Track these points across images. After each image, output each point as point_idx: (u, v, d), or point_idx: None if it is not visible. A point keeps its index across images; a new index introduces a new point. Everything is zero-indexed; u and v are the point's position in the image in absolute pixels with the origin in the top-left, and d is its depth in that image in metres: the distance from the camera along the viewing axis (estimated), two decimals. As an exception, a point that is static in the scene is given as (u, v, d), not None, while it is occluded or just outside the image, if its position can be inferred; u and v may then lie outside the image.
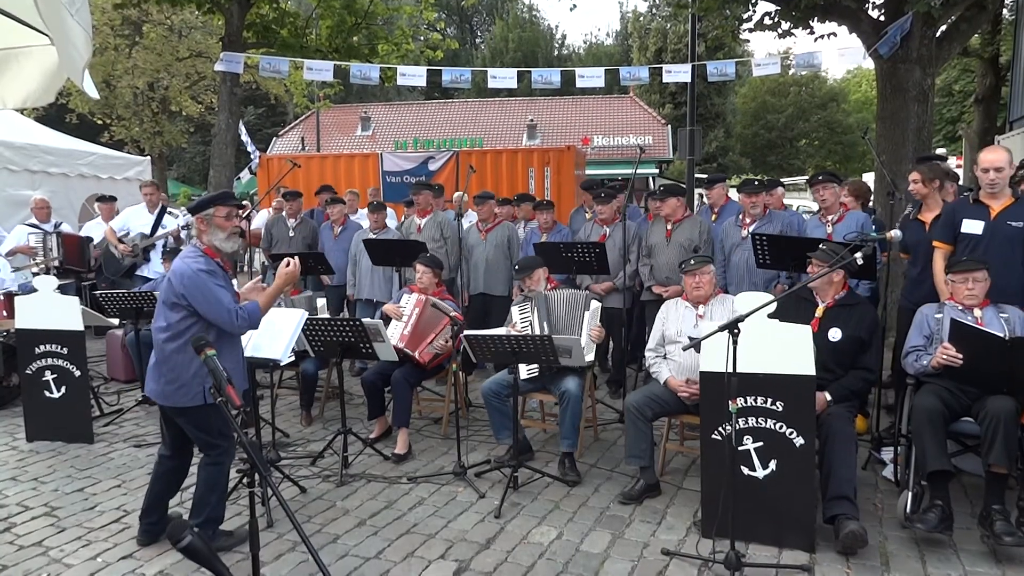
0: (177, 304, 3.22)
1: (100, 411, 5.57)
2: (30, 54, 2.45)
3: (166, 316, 3.26)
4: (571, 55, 45.03)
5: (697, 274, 4.14)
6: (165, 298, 3.26)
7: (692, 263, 4.18)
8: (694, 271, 4.15)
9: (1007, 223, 3.95)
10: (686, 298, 4.25)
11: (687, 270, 4.19)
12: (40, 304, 5.08)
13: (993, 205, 4.02)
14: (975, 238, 4.02)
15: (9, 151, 8.60)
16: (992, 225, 3.98)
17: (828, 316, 3.83)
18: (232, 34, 8.03)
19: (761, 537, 3.37)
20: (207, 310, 3.21)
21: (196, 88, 19.86)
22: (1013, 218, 3.95)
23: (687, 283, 4.22)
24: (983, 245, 3.96)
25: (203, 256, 3.30)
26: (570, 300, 4.63)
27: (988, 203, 4.04)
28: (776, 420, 3.32)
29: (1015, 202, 4.00)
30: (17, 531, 3.69)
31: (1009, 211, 3.97)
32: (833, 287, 3.86)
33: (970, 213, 4.08)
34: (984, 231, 3.99)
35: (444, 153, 11.95)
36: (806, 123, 36.03)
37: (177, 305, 3.22)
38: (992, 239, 3.96)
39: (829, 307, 3.87)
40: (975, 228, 4.02)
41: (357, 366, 6.65)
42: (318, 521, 3.75)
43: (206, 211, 3.33)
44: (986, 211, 4.03)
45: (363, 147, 26.21)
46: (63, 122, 17.30)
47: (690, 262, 4.20)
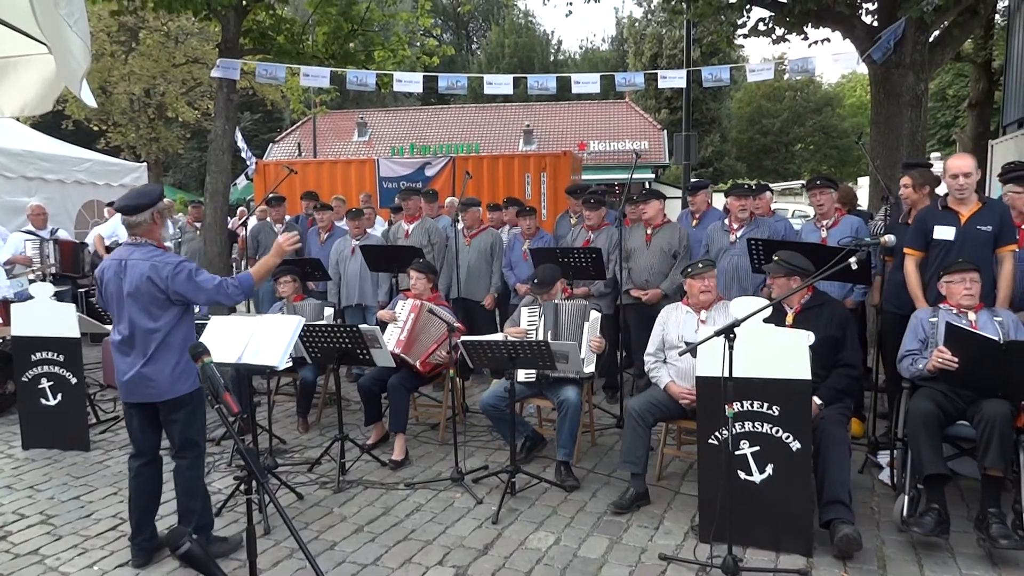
0: (164, 301, 3.21)
1: (96, 418, 5.56)
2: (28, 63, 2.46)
3: (152, 316, 3.21)
4: (567, 61, 45.15)
5: (706, 277, 4.06)
6: (147, 301, 3.20)
7: (700, 267, 4.10)
8: (702, 275, 4.06)
9: (976, 227, 4.04)
10: (687, 303, 4.23)
11: (694, 274, 4.09)
12: (36, 311, 5.07)
13: (962, 211, 4.10)
14: (947, 244, 4.09)
15: (5, 158, 8.60)
16: (963, 230, 4.06)
17: (798, 322, 3.83)
18: (229, 40, 8.03)
19: (758, 541, 3.38)
20: (195, 294, 3.24)
21: (192, 94, 19.87)
22: (982, 222, 4.03)
23: (693, 287, 4.10)
24: (955, 250, 4.03)
25: (162, 251, 3.29)
26: (573, 311, 4.64)
27: (957, 209, 4.12)
28: (772, 424, 3.34)
29: (983, 207, 4.08)
30: (13, 539, 3.68)
31: (978, 216, 4.05)
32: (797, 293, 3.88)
33: (940, 219, 4.15)
34: (956, 236, 4.07)
35: (441, 159, 11.96)
36: (801, 128, 36.21)
37: (164, 302, 3.22)
38: (964, 244, 4.03)
39: (797, 313, 3.89)
40: (947, 234, 4.10)
41: (354, 372, 6.65)
42: (315, 528, 3.75)
43: (157, 205, 3.29)
44: (956, 217, 4.11)
45: (360, 153, 26.22)
46: (59, 128, 17.28)
47: (698, 265, 4.11)
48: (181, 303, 3.27)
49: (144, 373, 3.24)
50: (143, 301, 3.21)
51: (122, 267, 3.24)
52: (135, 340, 3.24)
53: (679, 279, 5.32)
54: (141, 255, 3.24)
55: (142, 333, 3.23)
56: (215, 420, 5.24)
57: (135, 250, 3.27)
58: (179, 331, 3.26)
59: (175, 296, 3.22)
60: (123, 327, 3.27)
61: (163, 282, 3.18)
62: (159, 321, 3.22)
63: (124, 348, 3.28)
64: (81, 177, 9.79)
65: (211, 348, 2.63)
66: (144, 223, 3.25)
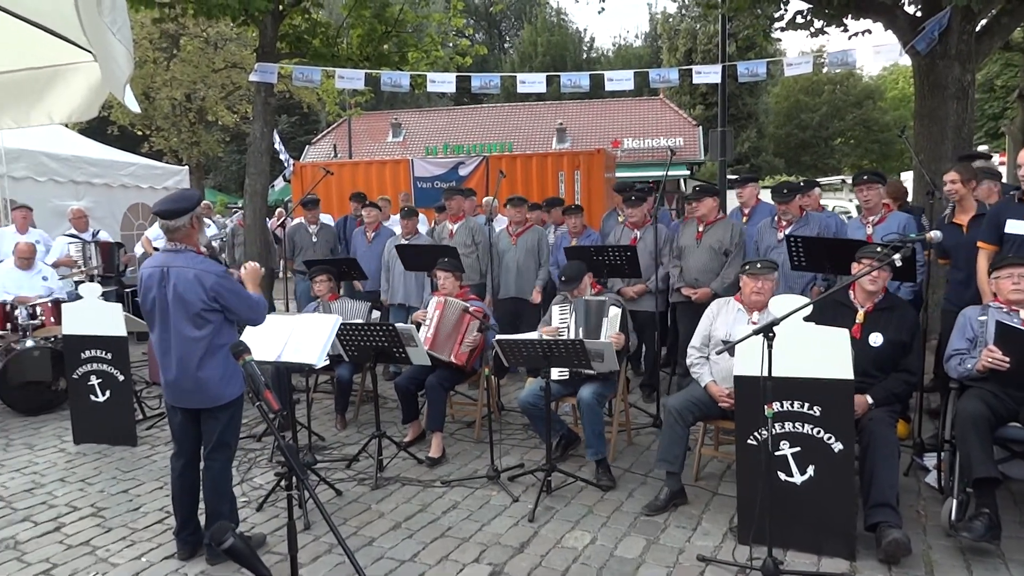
0: (210, 310, 3.24)
1: (143, 414, 5.71)
2: (76, 71, 2.53)
3: (197, 324, 3.23)
4: (600, 58, 44.89)
5: (761, 279, 3.93)
6: (192, 309, 3.21)
7: (758, 266, 3.97)
8: (758, 275, 3.93)
9: None
10: (739, 299, 4.12)
11: (751, 272, 3.97)
12: (85, 311, 5.24)
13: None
14: (1020, 238, 3.93)
15: (56, 163, 8.90)
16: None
17: (868, 321, 3.75)
18: (266, 45, 8.18)
19: (800, 544, 3.32)
20: (238, 306, 3.29)
21: (231, 98, 20.26)
22: None
23: (747, 286, 3.99)
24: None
25: (203, 258, 3.32)
26: (596, 305, 4.62)
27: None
28: (814, 425, 3.27)
29: None
30: (66, 531, 3.81)
31: None
32: (873, 291, 3.78)
33: (1015, 213, 3.98)
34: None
35: (474, 158, 12.00)
36: (841, 122, 35.39)
37: (210, 311, 3.24)
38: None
39: (869, 312, 3.79)
40: (1021, 228, 3.93)
41: (391, 370, 6.72)
42: (354, 524, 3.80)
43: (196, 210, 3.31)
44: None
45: (394, 153, 26.46)
46: (105, 134, 17.78)
47: (756, 264, 3.99)
48: (220, 313, 3.29)
49: (194, 381, 3.26)
50: (188, 311, 3.22)
51: (165, 275, 3.24)
52: (181, 348, 3.25)
53: (730, 277, 5.25)
54: (183, 262, 3.24)
55: (188, 341, 3.24)
56: (256, 417, 5.35)
57: (176, 257, 3.27)
58: (223, 336, 3.28)
59: (220, 305, 3.25)
60: (167, 334, 3.28)
61: (208, 291, 3.21)
62: (204, 329, 3.24)
63: (168, 354, 3.30)
64: (126, 181, 10.07)
65: (251, 346, 2.67)
66: (183, 227, 3.25)
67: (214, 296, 3.22)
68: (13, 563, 3.47)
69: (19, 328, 5.90)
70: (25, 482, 4.51)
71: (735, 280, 5.24)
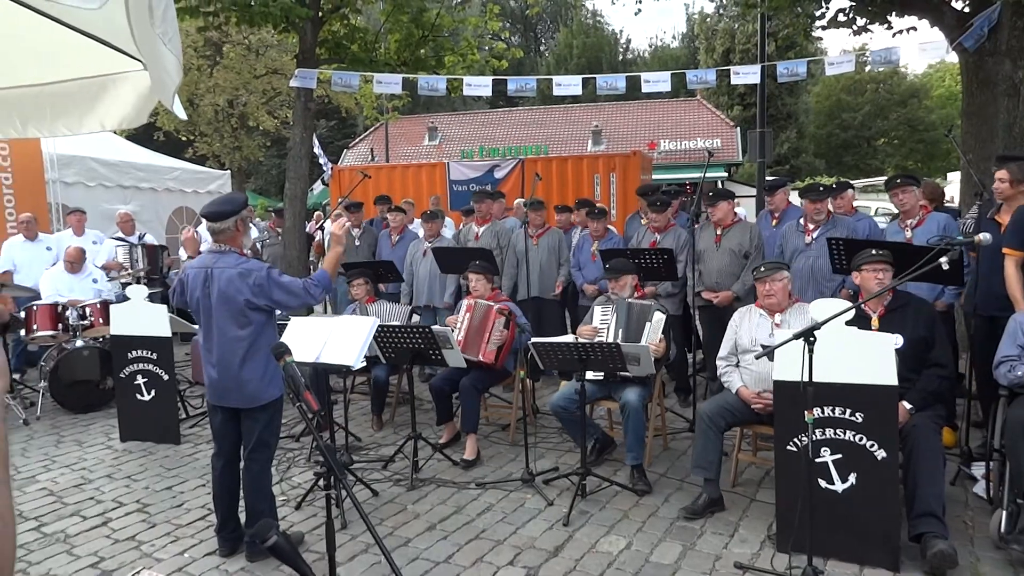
0: (254, 309, 3.31)
1: (186, 413, 5.85)
2: (126, 79, 2.60)
3: (240, 324, 3.30)
4: (636, 59, 44.64)
5: (768, 281, 3.95)
6: (235, 309, 3.28)
7: (763, 269, 4.01)
8: (765, 278, 3.97)
9: None
10: (760, 305, 4.12)
11: (758, 277, 4.02)
12: (132, 312, 5.40)
13: None
14: None
15: (105, 168, 9.19)
16: None
17: (884, 325, 3.63)
18: (306, 51, 8.33)
19: (840, 553, 3.25)
20: (287, 298, 3.34)
21: (272, 104, 20.68)
22: None
23: (758, 290, 4.06)
24: None
25: (246, 259, 3.37)
26: (640, 310, 4.59)
27: None
28: (856, 432, 3.20)
29: None
30: (113, 526, 3.93)
31: None
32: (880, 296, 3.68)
33: None
34: None
35: (509, 161, 12.03)
36: (885, 121, 34.58)
37: (254, 310, 3.31)
38: None
39: (881, 316, 3.69)
40: None
41: (426, 372, 6.77)
42: (389, 524, 3.84)
43: (241, 213, 3.38)
44: None
45: (430, 157, 26.66)
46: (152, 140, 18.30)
47: (760, 268, 4.03)
48: (267, 310, 3.36)
49: (235, 380, 3.33)
50: (231, 309, 3.29)
51: (209, 276, 3.32)
52: (223, 347, 3.32)
53: (751, 280, 5.19)
54: (226, 263, 3.31)
55: (231, 341, 3.31)
56: (295, 417, 5.44)
57: (220, 258, 3.35)
58: (265, 337, 3.35)
59: (265, 303, 3.31)
60: (211, 334, 3.36)
61: (253, 289, 3.27)
62: (246, 329, 3.30)
63: (212, 354, 3.37)
64: (171, 185, 10.35)
65: (291, 348, 2.72)
66: (228, 230, 3.34)
67: (259, 292, 3.28)
68: (63, 556, 3.59)
69: (70, 328, 6.10)
70: (75, 478, 4.66)
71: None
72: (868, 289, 3.66)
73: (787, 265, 4.17)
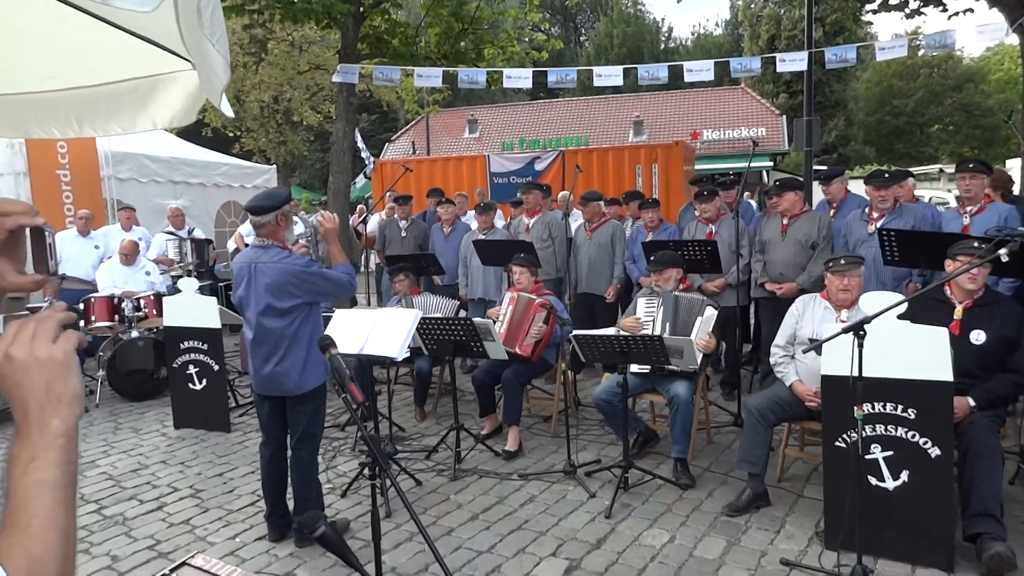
0: (295, 301, 3.37)
1: (236, 402, 6.02)
2: (175, 79, 2.67)
3: (282, 316, 3.37)
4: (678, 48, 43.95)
5: (847, 276, 3.77)
6: (277, 301, 3.35)
7: (842, 262, 3.82)
8: (843, 272, 3.78)
9: None
10: (826, 297, 3.97)
11: (835, 269, 3.82)
12: (184, 304, 5.56)
13: None
14: None
15: (156, 164, 9.46)
16: None
17: (969, 318, 3.52)
18: (348, 47, 8.43)
19: (891, 552, 3.17)
20: (328, 287, 3.42)
21: (315, 99, 20.97)
22: None
23: (832, 284, 3.84)
24: None
25: (288, 252, 3.43)
26: (689, 304, 4.53)
27: None
28: (908, 428, 3.12)
29: None
30: (168, 510, 4.07)
31: None
32: (972, 289, 3.55)
33: None
34: None
35: (550, 153, 12.00)
36: (939, 107, 33.38)
37: (295, 302, 3.37)
38: None
39: (968, 308, 3.57)
40: None
41: (468, 363, 6.81)
42: (433, 513, 3.88)
43: (283, 208, 3.43)
44: None
45: (471, 149, 26.76)
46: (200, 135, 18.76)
47: (839, 261, 3.84)
48: (309, 302, 3.43)
49: (277, 371, 3.42)
50: (272, 302, 3.37)
51: (252, 270, 3.41)
52: (267, 339, 3.41)
53: (818, 272, 5.07)
54: (269, 257, 3.39)
55: (273, 332, 3.39)
56: (339, 407, 5.54)
57: (263, 252, 3.42)
58: (306, 328, 3.43)
59: (306, 295, 3.38)
60: (254, 326, 3.45)
61: (293, 282, 3.34)
62: (287, 319, 3.38)
63: (257, 346, 3.46)
64: (219, 180, 10.60)
65: (336, 339, 2.76)
66: (269, 224, 3.40)
67: (301, 285, 3.35)
68: (123, 537, 3.73)
69: (125, 320, 6.31)
70: (132, 463, 4.83)
71: (822, 274, 5.04)
72: (958, 280, 3.53)
73: (863, 260, 3.97)
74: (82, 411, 0.82)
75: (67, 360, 0.82)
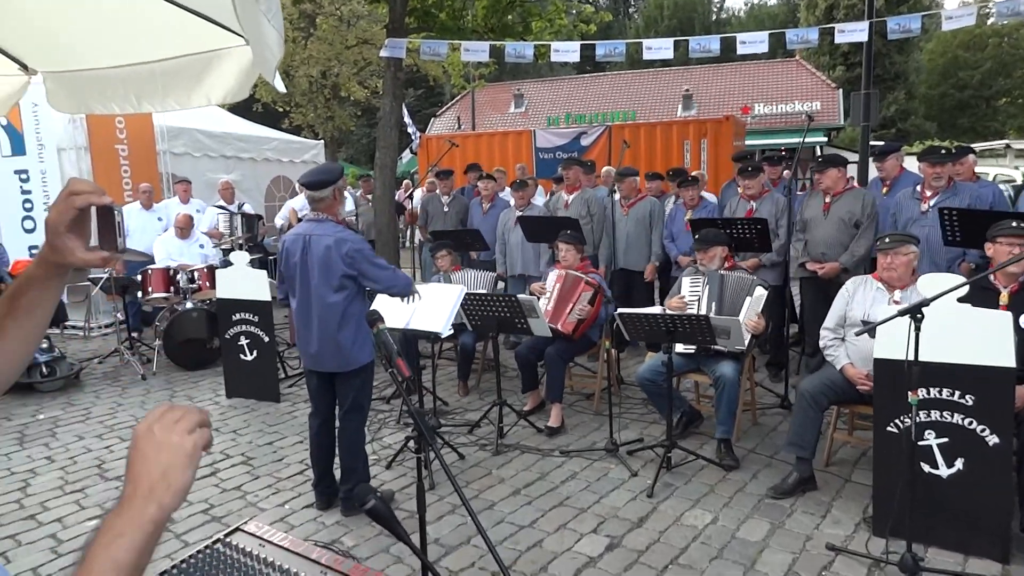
0: (348, 277, 3.43)
1: (285, 373, 6.17)
2: (230, 55, 2.70)
3: (335, 288, 3.42)
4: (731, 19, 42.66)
5: (891, 254, 3.68)
6: (331, 275, 3.40)
7: (888, 241, 3.73)
8: (887, 250, 3.70)
9: None
10: (878, 277, 3.85)
11: (881, 248, 3.75)
12: (235, 277, 5.70)
13: None
14: None
15: (209, 139, 9.67)
16: None
17: (1016, 302, 3.36)
18: (395, 21, 8.41)
19: (943, 541, 3.10)
20: (375, 272, 3.44)
21: (363, 74, 21.05)
22: None
23: (879, 262, 3.77)
24: None
25: (343, 228, 3.46)
26: (737, 283, 4.45)
27: None
28: (965, 415, 3.02)
29: None
30: (221, 476, 4.22)
31: None
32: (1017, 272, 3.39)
33: None
34: None
35: (596, 128, 11.84)
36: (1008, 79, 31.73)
37: (347, 278, 3.43)
38: None
39: (1014, 292, 3.41)
40: None
41: (511, 339, 6.84)
42: (475, 487, 3.94)
43: (339, 183, 3.47)
44: None
45: (516, 124, 26.58)
46: (250, 111, 19.06)
47: (886, 239, 3.75)
48: (354, 281, 3.47)
49: (332, 344, 3.47)
50: (329, 276, 3.42)
51: (307, 242, 3.46)
52: (321, 312, 3.46)
53: (860, 251, 4.92)
54: (324, 231, 3.44)
55: (328, 306, 3.44)
56: (385, 380, 5.64)
57: (317, 226, 3.48)
58: (356, 304, 3.49)
59: (354, 272, 3.42)
60: (308, 299, 3.50)
61: (345, 259, 3.39)
62: (341, 294, 3.44)
63: (310, 319, 3.51)
64: (269, 155, 10.79)
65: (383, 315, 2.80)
66: (327, 199, 3.46)
67: (351, 262, 3.39)
68: (179, 501, 3.89)
69: (180, 291, 6.52)
70: (187, 430, 5.01)
71: (866, 254, 4.89)
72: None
73: (916, 240, 3.87)
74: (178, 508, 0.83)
75: (193, 454, 0.84)
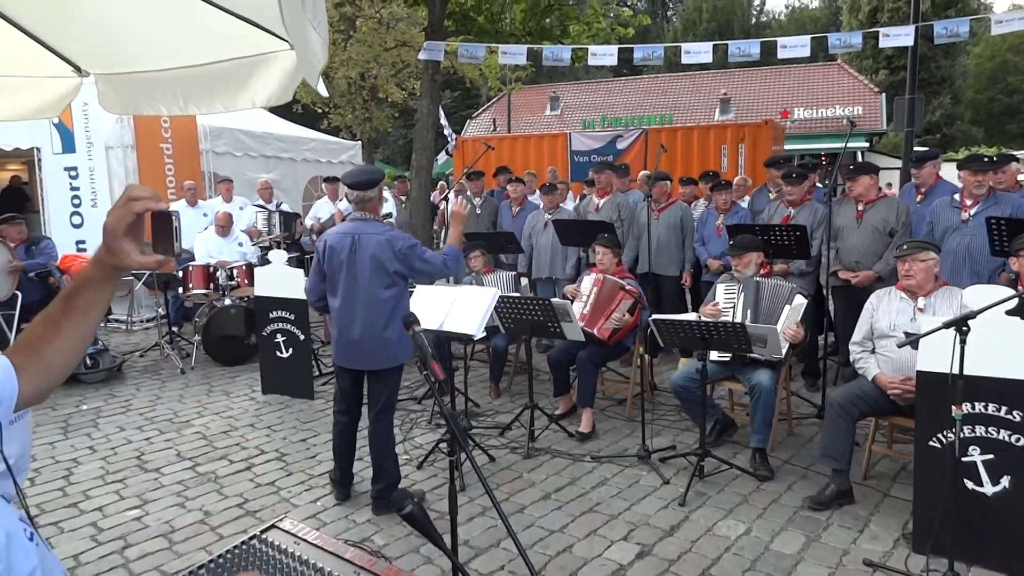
0: (397, 274, 3.50)
1: (319, 371, 6.26)
2: (275, 59, 2.76)
3: (385, 285, 3.49)
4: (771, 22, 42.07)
5: (908, 260, 3.65)
6: (382, 272, 3.47)
7: (905, 248, 3.71)
8: (906, 257, 3.67)
9: None
10: (900, 287, 3.83)
11: (899, 255, 3.74)
12: (273, 275, 5.80)
13: None
14: None
15: (250, 139, 9.86)
16: None
17: None
18: (434, 23, 8.47)
19: (986, 561, 3.01)
20: (426, 267, 3.51)
21: (401, 76, 21.25)
22: None
23: (898, 270, 3.76)
24: None
25: (390, 227, 3.54)
26: (775, 290, 4.39)
27: None
28: (1013, 432, 2.93)
29: None
30: (255, 471, 4.29)
31: None
32: None
33: None
34: None
35: (632, 131, 11.78)
36: (1060, 85, 30.67)
37: (396, 275, 3.50)
38: None
39: None
40: None
41: (543, 343, 6.84)
42: (505, 490, 3.94)
43: (381, 183, 3.55)
44: None
45: (551, 127, 26.57)
46: (290, 111, 19.37)
47: (903, 247, 3.73)
48: (406, 276, 3.54)
49: (378, 340, 3.51)
50: (380, 273, 3.48)
51: (356, 241, 3.52)
52: (369, 308, 3.50)
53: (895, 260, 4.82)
54: (373, 230, 3.52)
55: (378, 303, 3.50)
56: (416, 380, 5.68)
57: (365, 225, 3.55)
58: (404, 301, 3.57)
59: (404, 269, 3.49)
60: (354, 297, 3.54)
61: (397, 255, 3.46)
62: (392, 291, 3.51)
63: (355, 316, 3.54)
64: (307, 155, 10.96)
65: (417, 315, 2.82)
66: (373, 198, 3.56)
67: (402, 259, 3.47)
68: (214, 494, 3.97)
69: (219, 288, 6.65)
70: (223, 425, 5.12)
71: None
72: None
73: (936, 246, 3.81)
74: None
75: None
